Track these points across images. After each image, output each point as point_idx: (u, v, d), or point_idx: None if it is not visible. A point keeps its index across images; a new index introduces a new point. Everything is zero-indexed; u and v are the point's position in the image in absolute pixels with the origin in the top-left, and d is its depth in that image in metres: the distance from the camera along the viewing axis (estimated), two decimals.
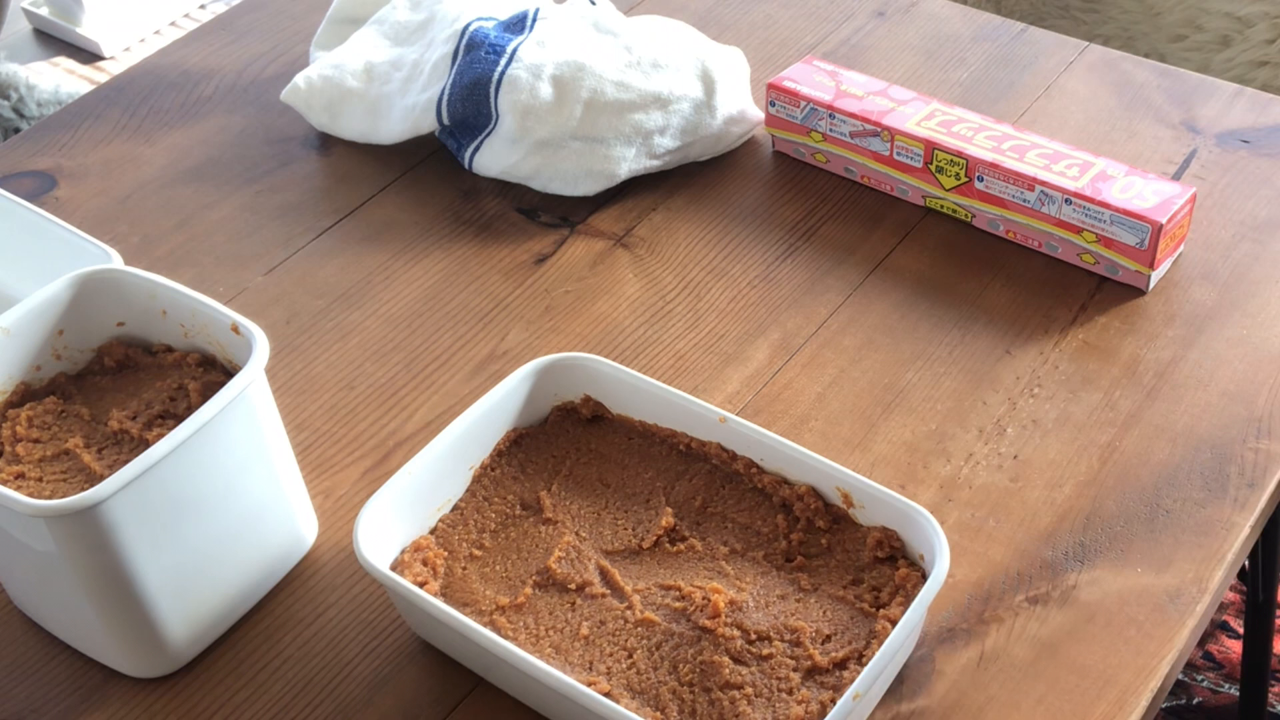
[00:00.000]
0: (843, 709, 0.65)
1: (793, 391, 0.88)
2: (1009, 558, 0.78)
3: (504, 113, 1.01)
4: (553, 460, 0.81)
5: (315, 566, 0.80)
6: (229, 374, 0.77)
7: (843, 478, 0.75)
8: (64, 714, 0.74)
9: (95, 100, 1.16)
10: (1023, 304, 0.93)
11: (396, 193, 1.06)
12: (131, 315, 0.80)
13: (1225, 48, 1.58)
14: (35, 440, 0.75)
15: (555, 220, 1.03)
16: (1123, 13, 1.63)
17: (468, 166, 1.06)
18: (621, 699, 0.69)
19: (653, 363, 0.91)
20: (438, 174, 1.07)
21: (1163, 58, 1.61)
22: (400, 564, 0.74)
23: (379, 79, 1.08)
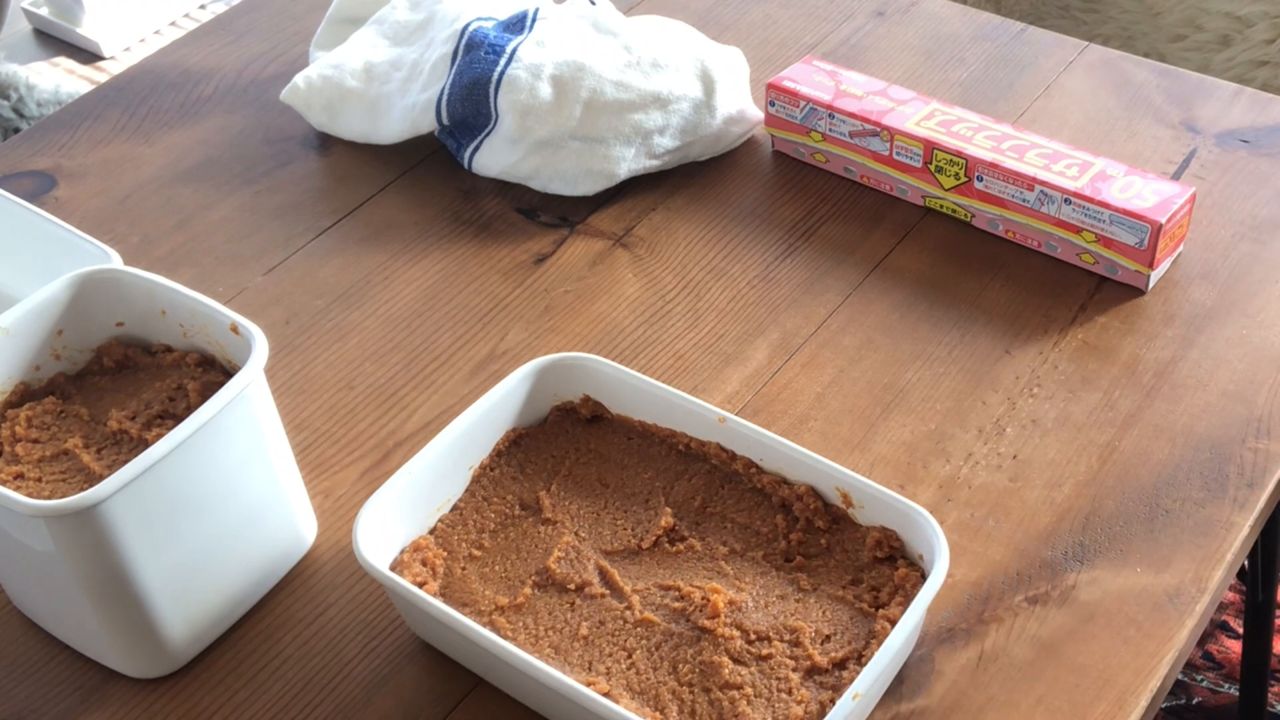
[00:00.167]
0: (842, 709, 0.65)
1: (792, 391, 0.88)
2: (1008, 558, 0.78)
3: (503, 113, 1.01)
4: (552, 460, 0.81)
5: (315, 566, 0.80)
6: (228, 374, 0.77)
7: (842, 478, 0.75)
8: (64, 714, 0.74)
9: (95, 100, 1.16)
10: (1022, 304, 0.93)
11: (396, 193, 1.06)
12: (131, 315, 0.80)
13: (1225, 48, 1.58)
14: (34, 440, 0.75)
15: (555, 220, 1.03)
16: (1122, 13, 1.63)
17: (467, 166, 1.06)
18: (621, 699, 0.69)
19: (652, 363, 0.91)
20: (437, 174, 1.07)
21: (1162, 57, 1.61)
22: (400, 564, 0.74)
23: (378, 79, 1.08)
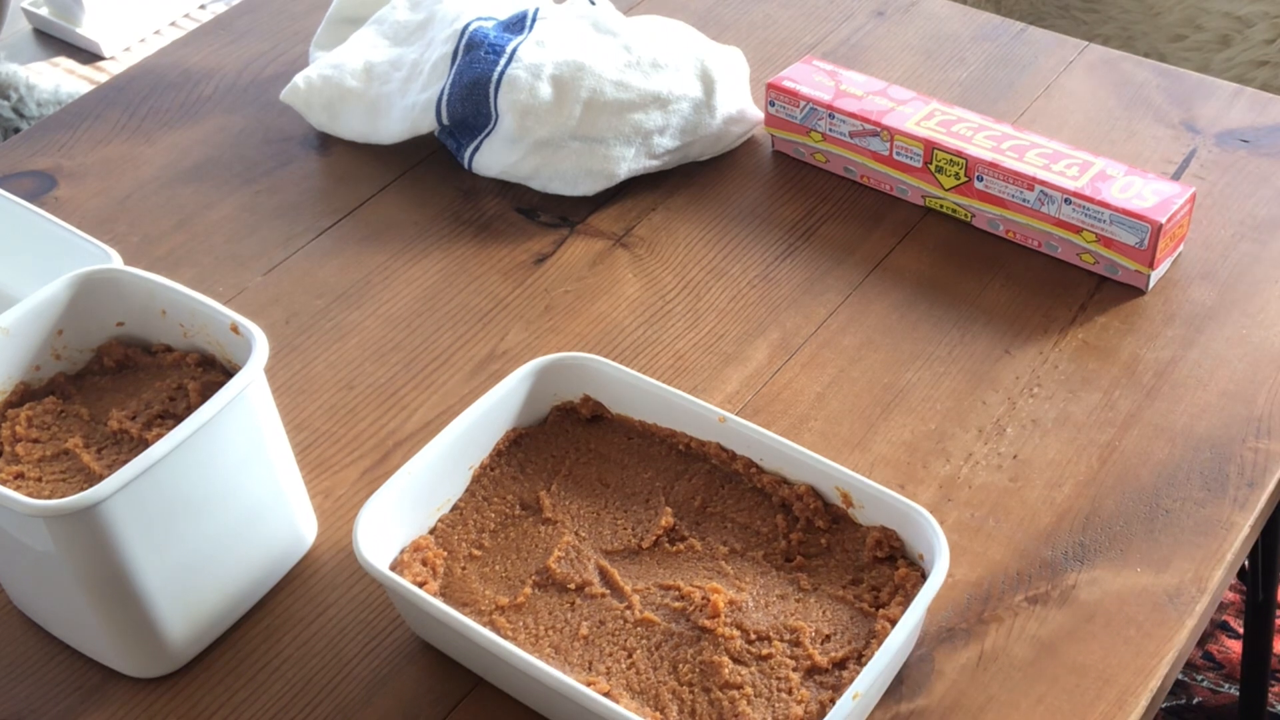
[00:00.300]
0: (842, 709, 0.65)
1: (792, 391, 0.88)
2: (1008, 557, 0.78)
3: (503, 112, 1.01)
4: (552, 460, 0.81)
5: (315, 566, 0.80)
6: (228, 374, 0.77)
7: (842, 477, 0.75)
8: (64, 714, 0.74)
9: (95, 100, 1.16)
10: (1022, 304, 0.93)
11: (396, 193, 1.06)
12: (131, 315, 0.80)
13: (1225, 47, 1.58)
14: (35, 440, 0.75)
15: (555, 220, 1.03)
16: (1122, 12, 1.63)
17: (467, 166, 1.06)
18: (621, 699, 0.69)
19: (652, 363, 0.91)
20: (437, 174, 1.07)
21: (1162, 57, 1.61)
22: (400, 564, 0.74)
23: (378, 79, 1.08)
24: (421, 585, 0.73)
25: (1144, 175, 0.94)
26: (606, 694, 0.68)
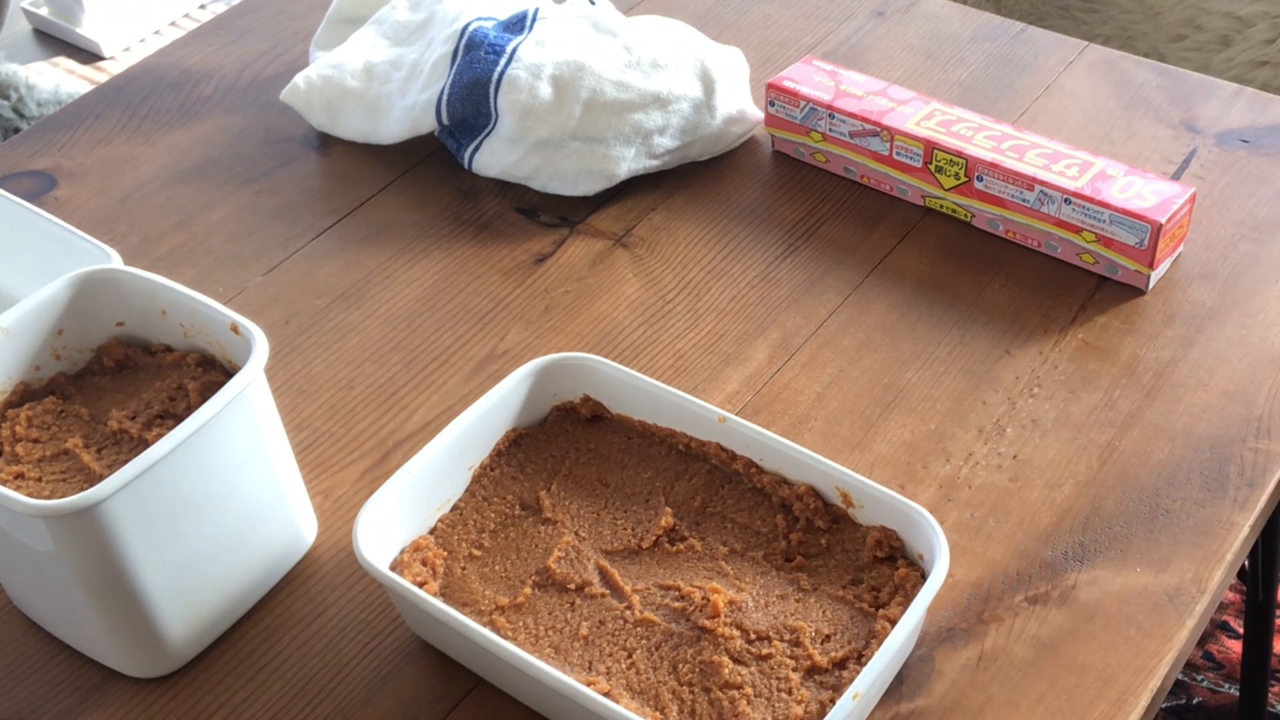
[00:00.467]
0: (842, 709, 0.65)
1: (792, 391, 0.88)
2: (1008, 558, 0.78)
3: (503, 113, 1.01)
4: (552, 460, 0.81)
5: (315, 566, 0.80)
6: (228, 374, 0.77)
7: (842, 477, 0.75)
8: (64, 714, 0.74)
9: (95, 100, 1.16)
10: (1022, 304, 0.93)
11: (396, 193, 1.06)
12: (131, 315, 0.80)
13: (1225, 48, 1.58)
14: (35, 440, 0.75)
15: (555, 220, 1.03)
16: (1122, 13, 1.63)
17: (467, 166, 1.06)
18: (621, 699, 0.69)
19: (652, 363, 0.91)
20: (437, 174, 1.07)
21: (1162, 57, 1.61)
22: (400, 564, 0.74)
23: (378, 79, 1.08)
24: (421, 585, 0.73)
25: (1144, 175, 0.94)
26: (606, 694, 0.68)
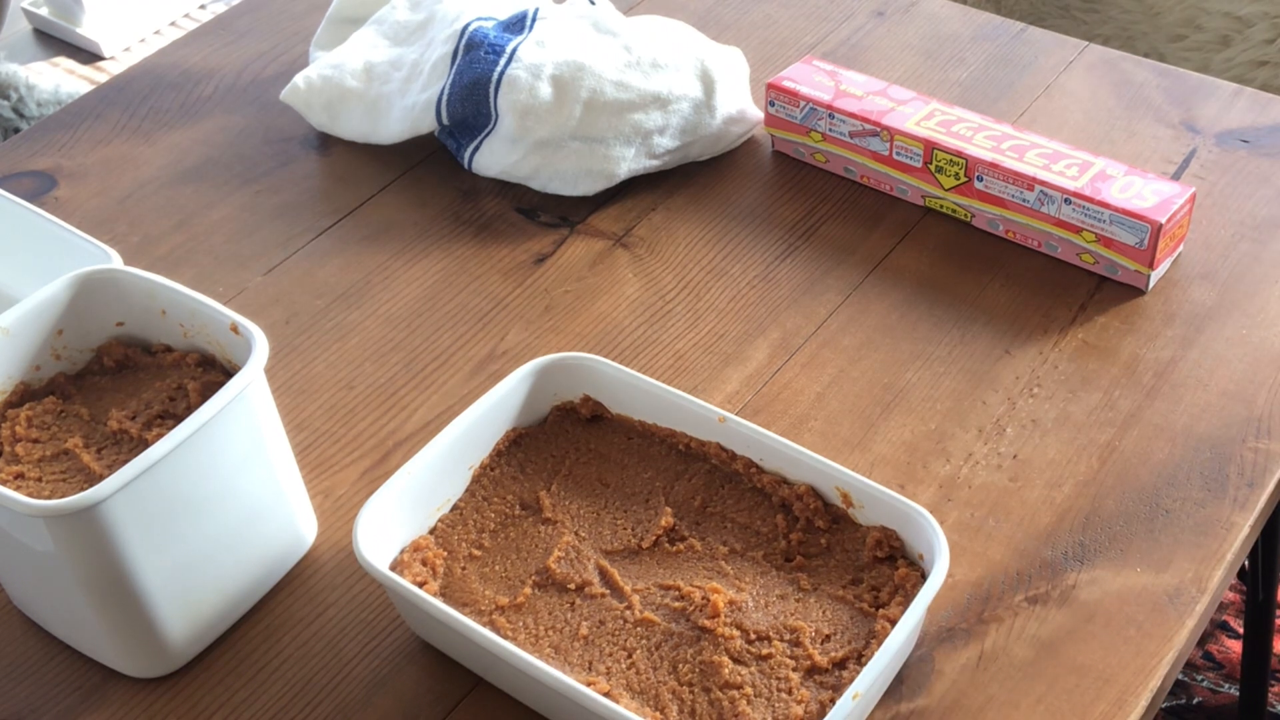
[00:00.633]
0: (842, 709, 0.65)
1: (792, 391, 0.88)
2: (1008, 557, 0.78)
3: (503, 113, 1.01)
4: (552, 460, 0.81)
5: (315, 566, 0.80)
6: (228, 374, 0.77)
7: (842, 477, 0.75)
8: (64, 714, 0.74)
9: (95, 100, 1.16)
10: (1022, 304, 0.93)
11: (396, 193, 1.06)
12: (131, 315, 0.80)
13: (1225, 48, 1.58)
14: (35, 440, 0.75)
15: (555, 220, 1.03)
16: (1122, 13, 1.63)
17: (467, 166, 1.06)
18: (621, 699, 0.69)
19: (652, 363, 0.91)
20: (437, 174, 1.07)
21: (1162, 57, 1.61)
22: (400, 564, 0.74)
23: (378, 79, 1.08)
24: (421, 585, 0.73)
25: (1144, 175, 0.94)
26: (606, 694, 0.68)
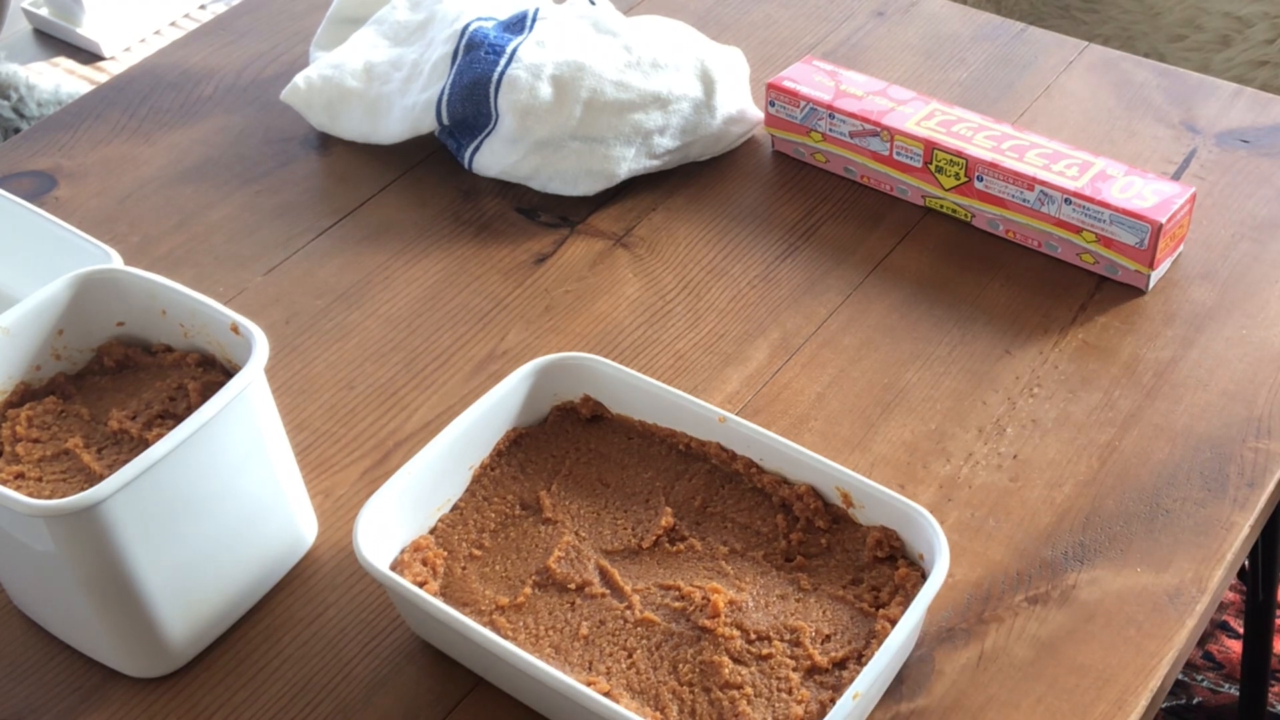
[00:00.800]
0: (842, 709, 0.65)
1: (792, 391, 0.88)
2: (1009, 557, 0.78)
3: (504, 113, 1.01)
4: (552, 460, 0.81)
5: (315, 566, 0.80)
6: (229, 374, 0.77)
7: (842, 477, 0.75)
8: (64, 714, 0.74)
9: (95, 100, 1.16)
10: (1022, 304, 0.93)
11: (396, 193, 1.06)
12: (131, 315, 0.80)
13: (1225, 48, 1.58)
14: (35, 440, 0.75)
15: (555, 220, 1.03)
16: (1122, 13, 1.63)
17: (467, 166, 1.06)
18: (621, 699, 0.69)
19: (652, 363, 0.91)
20: (437, 174, 1.07)
21: (1162, 58, 1.61)
22: (400, 564, 0.74)
23: (379, 79, 1.08)
24: (421, 585, 0.73)
25: (1144, 175, 0.94)
26: (606, 694, 0.68)
